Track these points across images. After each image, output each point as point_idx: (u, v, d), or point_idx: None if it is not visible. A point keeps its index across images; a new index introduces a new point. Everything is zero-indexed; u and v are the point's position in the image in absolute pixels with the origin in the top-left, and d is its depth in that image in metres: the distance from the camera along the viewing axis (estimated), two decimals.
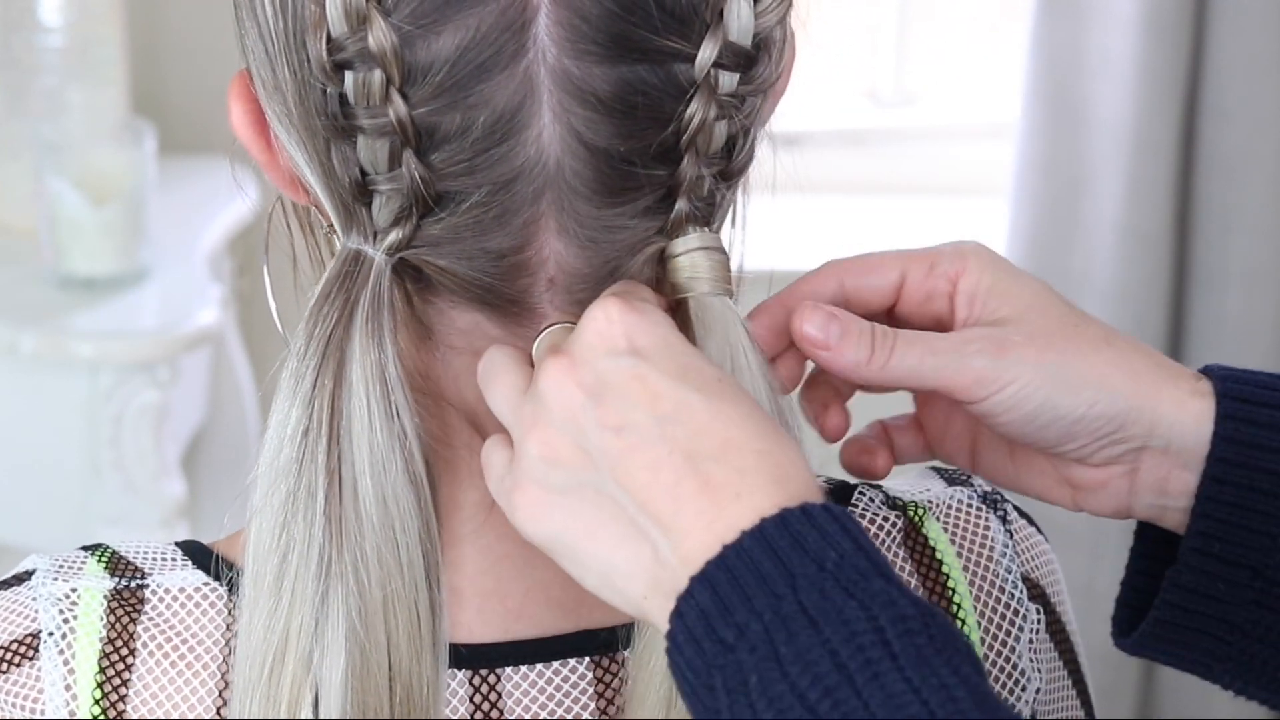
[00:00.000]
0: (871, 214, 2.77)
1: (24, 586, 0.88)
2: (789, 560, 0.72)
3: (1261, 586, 0.85)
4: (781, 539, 0.72)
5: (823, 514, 0.73)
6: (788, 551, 0.72)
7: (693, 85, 0.80)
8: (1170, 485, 0.87)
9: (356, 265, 0.82)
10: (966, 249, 0.88)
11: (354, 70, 0.78)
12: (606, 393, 0.76)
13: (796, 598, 0.71)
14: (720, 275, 0.84)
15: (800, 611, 0.71)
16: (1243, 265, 2.47)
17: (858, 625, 0.70)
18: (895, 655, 0.69)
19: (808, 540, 0.72)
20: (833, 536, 0.72)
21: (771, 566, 0.72)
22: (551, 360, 0.78)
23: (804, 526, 0.72)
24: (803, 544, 0.72)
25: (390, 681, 0.81)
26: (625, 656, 0.86)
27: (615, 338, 0.77)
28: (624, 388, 0.76)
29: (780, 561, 0.72)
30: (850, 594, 0.71)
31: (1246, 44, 2.41)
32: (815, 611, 0.70)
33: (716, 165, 0.83)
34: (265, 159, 0.85)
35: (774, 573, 0.71)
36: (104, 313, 2.22)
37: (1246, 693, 0.88)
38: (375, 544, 0.81)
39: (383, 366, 0.81)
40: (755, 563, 0.72)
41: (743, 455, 0.74)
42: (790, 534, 0.72)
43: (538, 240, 0.81)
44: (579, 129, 0.79)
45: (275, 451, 0.81)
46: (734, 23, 0.80)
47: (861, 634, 0.70)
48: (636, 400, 0.76)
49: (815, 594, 0.71)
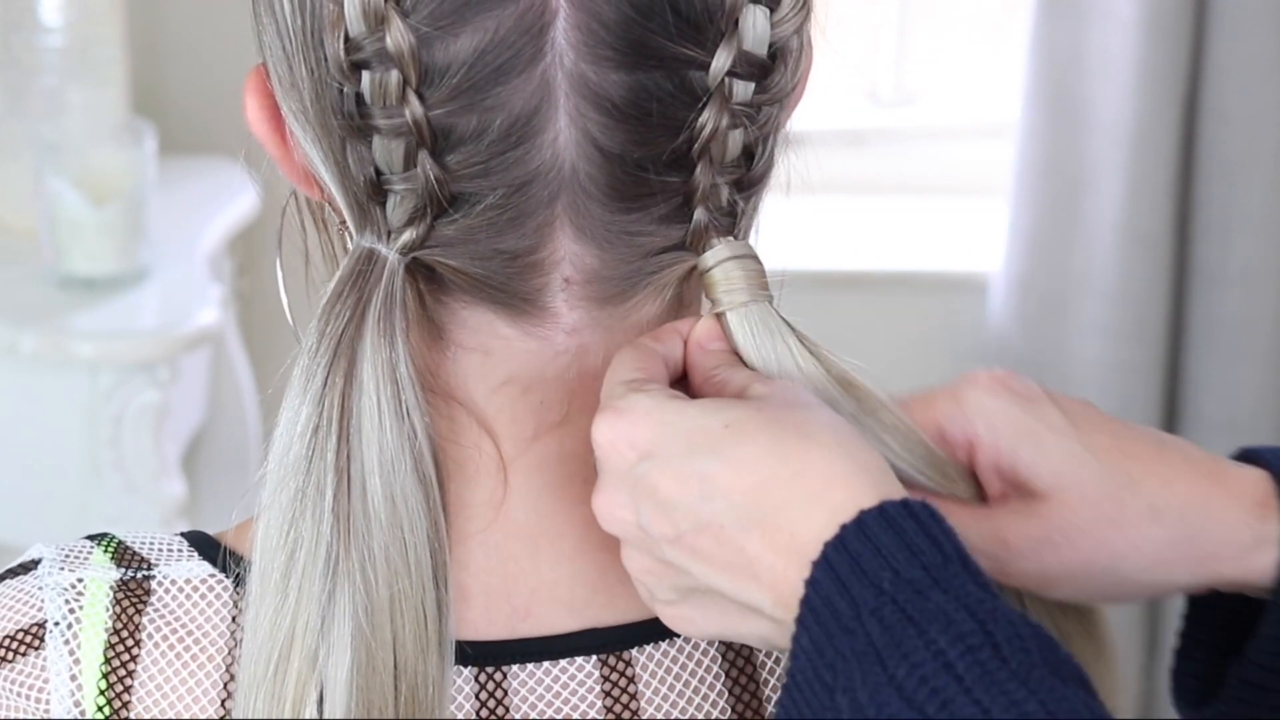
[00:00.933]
0: (871, 214, 2.77)
1: (30, 576, 0.88)
2: (853, 589, 0.72)
3: None
4: (842, 566, 0.72)
5: (875, 522, 0.73)
6: (850, 579, 0.72)
7: (706, 93, 0.80)
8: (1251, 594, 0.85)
9: (369, 264, 0.81)
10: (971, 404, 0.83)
11: (371, 70, 0.78)
12: (645, 507, 0.78)
13: (865, 631, 0.71)
14: (756, 282, 0.83)
15: (869, 647, 0.70)
16: (1243, 265, 2.47)
17: (916, 656, 0.69)
18: (961, 678, 0.68)
19: (865, 563, 0.72)
20: (887, 550, 0.72)
21: (841, 601, 0.72)
22: (594, 498, 0.80)
23: (860, 545, 0.72)
24: (861, 568, 0.72)
25: (395, 680, 0.81)
26: (632, 655, 0.86)
27: (622, 452, 0.78)
28: (653, 495, 0.77)
29: (847, 592, 0.72)
30: (909, 619, 0.70)
31: (1246, 45, 2.41)
32: (880, 643, 0.70)
33: (733, 174, 0.82)
34: (280, 154, 0.85)
35: (844, 608, 0.72)
36: (104, 313, 2.22)
37: None
38: (383, 543, 0.81)
39: (393, 365, 0.81)
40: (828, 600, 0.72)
41: (777, 490, 0.75)
42: (849, 559, 0.72)
43: (553, 241, 0.81)
44: (594, 134, 0.79)
45: (285, 448, 0.81)
46: (749, 31, 0.80)
47: (922, 665, 0.69)
48: (667, 499, 0.77)
49: (876, 624, 0.71)
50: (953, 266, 2.71)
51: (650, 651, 0.86)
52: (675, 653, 0.87)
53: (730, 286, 0.83)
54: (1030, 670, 0.68)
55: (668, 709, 0.86)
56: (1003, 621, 0.69)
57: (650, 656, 0.86)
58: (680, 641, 0.86)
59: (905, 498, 0.74)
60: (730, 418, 0.77)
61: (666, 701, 0.86)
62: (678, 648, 0.87)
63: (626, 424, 0.78)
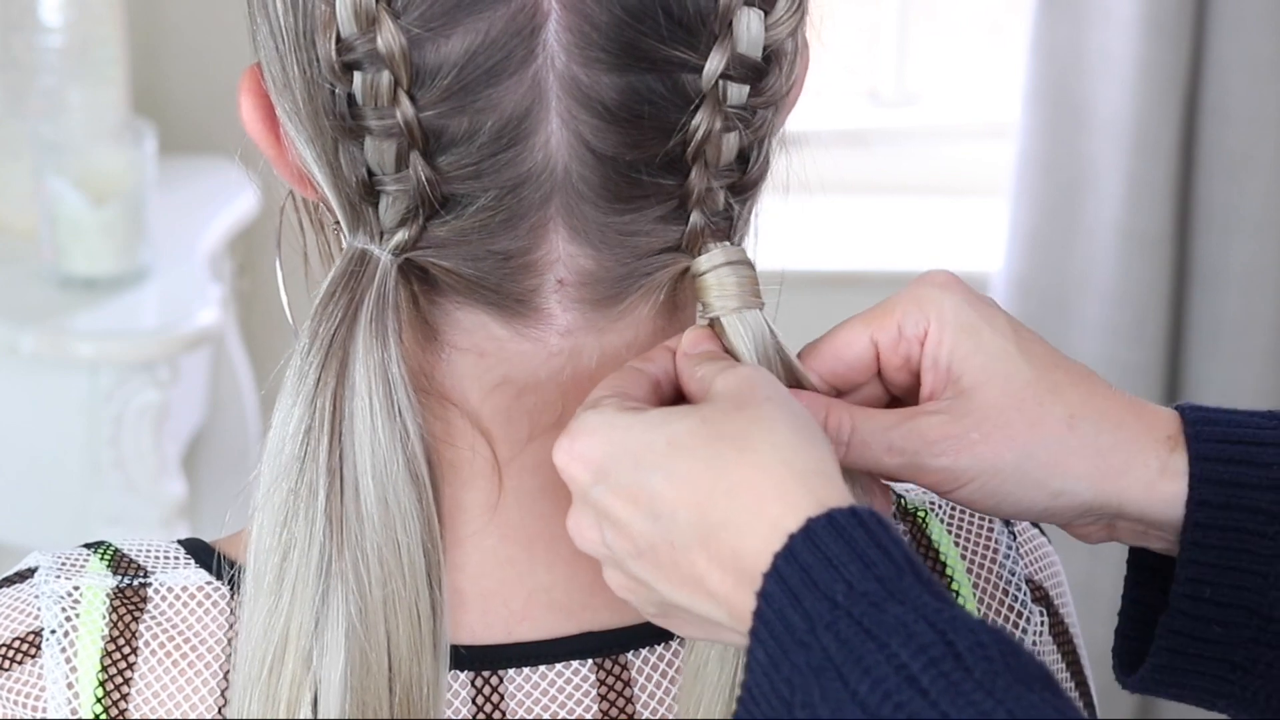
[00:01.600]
0: (871, 214, 2.77)
1: (26, 584, 0.88)
2: (805, 602, 0.71)
3: (1259, 624, 0.83)
4: (793, 578, 0.71)
5: (824, 531, 0.72)
6: (802, 591, 0.71)
7: (699, 95, 0.80)
8: (1151, 540, 0.85)
9: (362, 265, 0.81)
10: (927, 299, 0.84)
11: (363, 71, 0.78)
12: (605, 526, 0.78)
13: (821, 645, 0.70)
14: (749, 289, 0.83)
15: (827, 662, 0.70)
16: (1243, 265, 2.47)
17: (878, 671, 0.68)
18: (925, 691, 0.67)
19: (816, 575, 0.71)
20: (839, 560, 0.71)
21: (794, 614, 0.71)
22: (567, 519, 0.80)
23: (810, 556, 0.71)
24: (813, 580, 0.71)
25: (390, 682, 0.81)
26: (628, 659, 0.86)
27: (576, 474, 0.78)
28: (609, 514, 0.77)
29: (799, 605, 0.71)
30: (867, 632, 0.69)
31: (1246, 44, 2.41)
32: (838, 658, 0.69)
33: (729, 178, 0.82)
34: (274, 154, 0.85)
35: (797, 622, 0.71)
36: (104, 313, 2.22)
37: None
38: (376, 544, 0.81)
39: (386, 366, 0.81)
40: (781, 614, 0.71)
41: (715, 506, 0.74)
42: (799, 570, 0.71)
43: (547, 243, 0.81)
44: (586, 136, 0.79)
45: (277, 449, 0.81)
46: (744, 34, 0.79)
47: (885, 679, 0.68)
48: (622, 518, 0.77)
49: (832, 638, 0.70)
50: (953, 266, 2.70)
51: (645, 655, 0.86)
52: (671, 656, 0.87)
53: (723, 292, 0.83)
54: (995, 678, 0.67)
55: (663, 712, 0.86)
56: (963, 630, 0.69)
57: (645, 660, 0.86)
58: (676, 645, 0.86)
59: (853, 505, 0.73)
60: (673, 431, 0.76)
61: (662, 705, 0.86)
62: (673, 651, 0.86)
63: (579, 445, 0.78)
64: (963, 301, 0.84)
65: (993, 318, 0.83)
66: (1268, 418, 0.85)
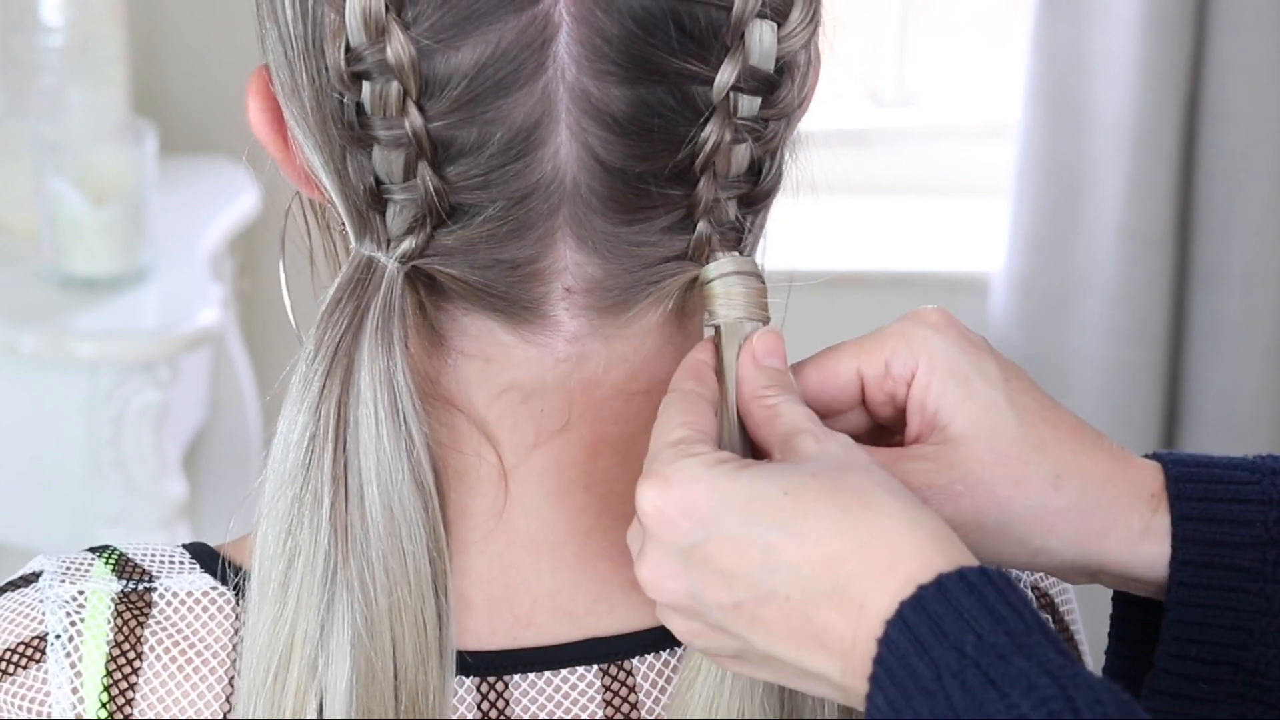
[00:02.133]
0: (871, 214, 2.77)
1: (31, 589, 0.87)
2: (932, 651, 0.71)
3: (1244, 679, 0.83)
4: (920, 627, 0.71)
5: (955, 586, 0.72)
6: (929, 641, 0.71)
7: (710, 108, 0.79)
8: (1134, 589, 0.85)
9: (368, 272, 0.81)
10: (918, 340, 0.83)
11: (372, 81, 0.78)
12: (698, 576, 0.76)
13: (946, 693, 0.70)
14: (755, 301, 0.83)
15: (950, 710, 0.70)
16: (1243, 265, 2.47)
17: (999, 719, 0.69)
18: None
19: (945, 625, 0.71)
20: (969, 614, 0.71)
21: (920, 663, 0.71)
22: (639, 566, 0.78)
23: (940, 607, 0.71)
24: (942, 630, 0.71)
25: (396, 689, 0.81)
26: (633, 665, 0.86)
27: (673, 520, 0.76)
28: (709, 564, 0.76)
29: (926, 654, 0.71)
30: (992, 683, 0.70)
31: (1247, 44, 2.41)
32: (961, 707, 0.70)
33: (739, 189, 0.82)
34: (281, 156, 0.85)
35: (923, 670, 0.71)
36: (104, 313, 2.22)
37: None
38: (381, 552, 0.81)
39: (391, 374, 0.81)
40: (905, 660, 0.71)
41: (846, 562, 0.74)
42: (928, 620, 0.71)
43: (554, 251, 0.81)
44: (595, 148, 0.79)
45: (282, 456, 0.81)
46: (756, 46, 0.79)
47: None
48: (726, 569, 0.76)
49: (958, 687, 0.70)
50: (953, 266, 2.71)
51: (651, 661, 0.86)
52: (676, 663, 0.86)
53: (729, 301, 0.83)
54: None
55: None
56: (1083, 686, 0.69)
57: (651, 666, 0.86)
58: (681, 651, 0.86)
59: (981, 565, 0.73)
60: (788, 484, 0.76)
61: (667, 711, 0.86)
62: (678, 657, 0.86)
63: (679, 492, 0.76)
64: (954, 346, 0.83)
65: (984, 365, 0.83)
66: (1250, 471, 0.84)
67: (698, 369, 0.82)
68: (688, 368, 0.82)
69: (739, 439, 0.82)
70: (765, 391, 0.81)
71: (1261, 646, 0.82)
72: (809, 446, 0.78)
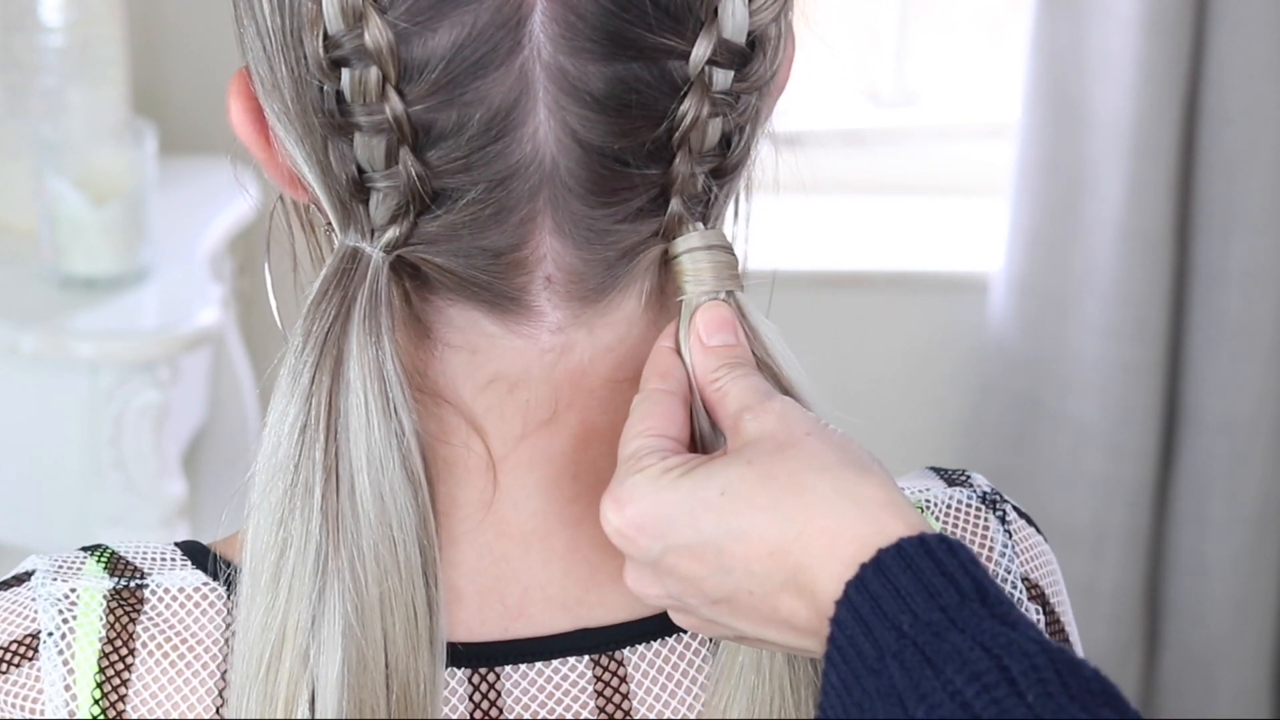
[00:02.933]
0: (871, 214, 2.77)
1: (23, 587, 0.88)
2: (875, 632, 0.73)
3: None
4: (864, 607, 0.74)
5: (893, 562, 0.74)
6: (872, 621, 0.73)
7: (686, 82, 0.80)
8: None
9: (354, 262, 0.82)
10: None
11: (350, 67, 0.79)
12: (670, 583, 0.79)
13: (889, 673, 0.72)
14: (725, 273, 0.84)
15: (892, 689, 0.72)
16: (1243, 265, 2.47)
17: (934, 698, 0.71)
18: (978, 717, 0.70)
19: (885, 605, 0.73)
20: (906, 591, 0.74)
21: (865, 643, 0.73)
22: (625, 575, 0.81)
23: (879, 586, 0.74)
24: (882, 610, 0.73)
25: (387, 679, 0.81)
26: (625, 655, 0.86)
27: (633, 539, 0.80)
28: (675, 573, 0.79)
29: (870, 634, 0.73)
30: (928, 661, 0.72)
31: (1246, 44, 2.41)
32: (901, 686, 0.72)
33: (710, 163, 0.83)
34: (265, 157, 0.85)
35: (868, 650, 0.73)
36: (104, 313, 2.22)
37: None
38: (372, 541, 0.81)
39: (380, 363, 0.81)
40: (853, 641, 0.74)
41: (788, 554, 0.76)
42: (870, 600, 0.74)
43: (534, 238, 0.81)
44: (574, 126, 0.79)
45: (273, 448, 0.82)
46: (728, 20, 0.80)
47: (940, 706, 0.70)
48: (691, 575, 0.79)
49: (898, 667, 0.72)
50: (953, 266, 2.71)
51: (643, 651, 0.87)
52: (668, 652, 0.87)
53: (697, 276, 0.83)
54: (1048, 700, 0.69)
55: (660, 709, 0.86)
56: (1018, 654, 0.71)
57: (643, 656, 0.87)
58: (672, 641, 0.87)
59: (921, 533, 0.75)
60: (724, 483, 0.78)
61: (659, 702, 0.86)
62: (669, 647, 0.87)
63: (631, 511, 0.79)
64: None
65: None
66: None
67: (661, 360, 0.83)
68: (652, 360, 0.84)
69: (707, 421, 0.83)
70: (714, 375, 0.83)
71: None
72: (749, 428, 0.80)
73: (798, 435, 0.79)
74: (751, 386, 0.82)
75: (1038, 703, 0.69)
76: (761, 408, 0.80)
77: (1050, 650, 0.71)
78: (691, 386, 0.83)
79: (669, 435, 0.81)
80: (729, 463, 0.79)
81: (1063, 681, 0.70)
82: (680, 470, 0.79)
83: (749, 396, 0.81)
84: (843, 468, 0.77)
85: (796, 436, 0.79)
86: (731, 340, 0.83)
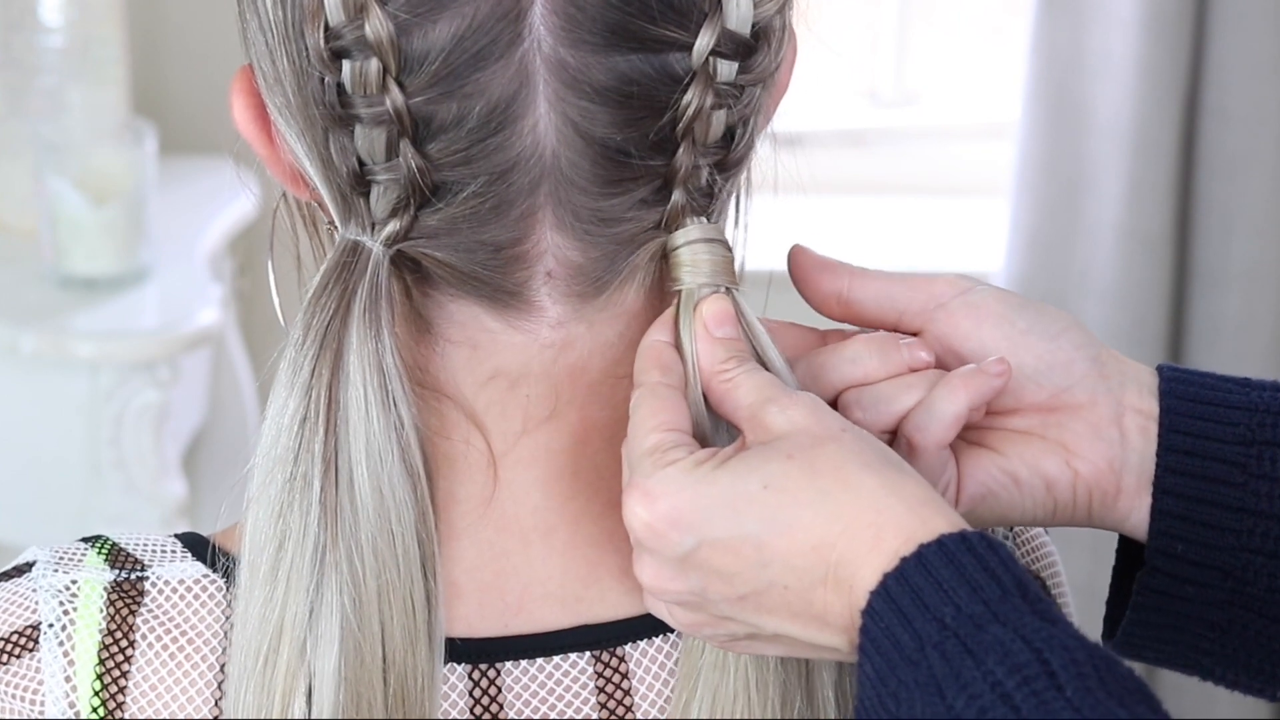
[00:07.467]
0: (871, 214, 2.77)
1: (24, 578, 0.88)
2: (915, 622, 0.73)
3: (1233, 586, 0.85)
4: (903, 598, 0.74)
5: (935, 556, 0.74)
6: (912, 612, 0.74)
7: (689, 74, 0.80)
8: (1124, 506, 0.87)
9: (354, 256, 0.82)
10: None
11: (351, 59, 0.79)
12: (697, 577, 0.79)
13: (928, 663, 0.72)
14: (722, 268, 0.83)
15: (931, 679, 0.72)
16: (1243, 265, 2.47)
17: (974, 688, 0.71)
18: (1018, 708, 0.70)
19: (926, 597, 0.74)
20: (949, 585, 0.74)
21: (904, 634, 0.73)
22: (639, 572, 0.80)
23: (921, 579, 0.74)
24: (923, 602, 0.73)
25: (384, 673, 0.81)
26: (626, 651, 0.86)
27: (663, 533, 0.78)
28: (706, 566, 0.78)
29: (909, 625, 0.73)
30: (970, 652, 0.72)
31: (1246, 44, 2.41)
32: (941, 676, 0.72)
33: (714, 156, 0.83)
34: (267, 153, 0.85)
35: (907, 641, 0.73)
36: (104, 313, 2.22)
37: (1238, 685, 0.87)
38: (370, 534, 0.81)
39: (380, 357, 0.81)
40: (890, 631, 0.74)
41: (833, 548, 0.76)
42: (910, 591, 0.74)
43: (535, 233, 0.81)
44: (575, 119, 0.79)
45: (273, 440, 0.82)
46: (733, 11, 0.80)
47: (980, 696, 0.71)
48: (724, 569, 0.78)
49: (939, 657, 0.72)
50: (952, 266, 2.71)
51: (644, 648, 0.87)
52: (669, 649, 0.87)
53: (695, 268, 0.83)
54: (1086, 694, 0.70)
55: (661, 705, 0.86)
56: (1058, 649, 0.71)
57: (644, 653, 0.87)
58: (674, 637, 0.87)
59: (962, 530, 0.75)
60: (766, 476, 0.78)
61: (660, 698, 0.86)
62: (671, 643, 0.87)
63: (664, 505, 0.78)
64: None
65: None
66: (1238, 384, 0.86)
67: (659, 354, 0.83)
68: (649, 355, 0.83)
69: (706, 414, 0.83)
70: (723, 366, 0.82)
71: (1248, 553, 0.84)
72: (776, 421, 0.79)
73: (834, 430, 0.79)
74: (768, 379, 0.82)
75: (1077, 697, 0.70)
76: (788, 400, 0.80)
77: (1090, 647, 0.72)
78: (688, 379, 0.83)
79: (682, 429, 0.81)
80: (767, 456, 0.78)
81: (1101, 678, 0.70)
82: (713, 464, 0.78)
83: (770, 389, 0.81)
84: (884, 465, 0.78)
85: (834, 431, 0.79)
86: (735, 334, 0.83)
